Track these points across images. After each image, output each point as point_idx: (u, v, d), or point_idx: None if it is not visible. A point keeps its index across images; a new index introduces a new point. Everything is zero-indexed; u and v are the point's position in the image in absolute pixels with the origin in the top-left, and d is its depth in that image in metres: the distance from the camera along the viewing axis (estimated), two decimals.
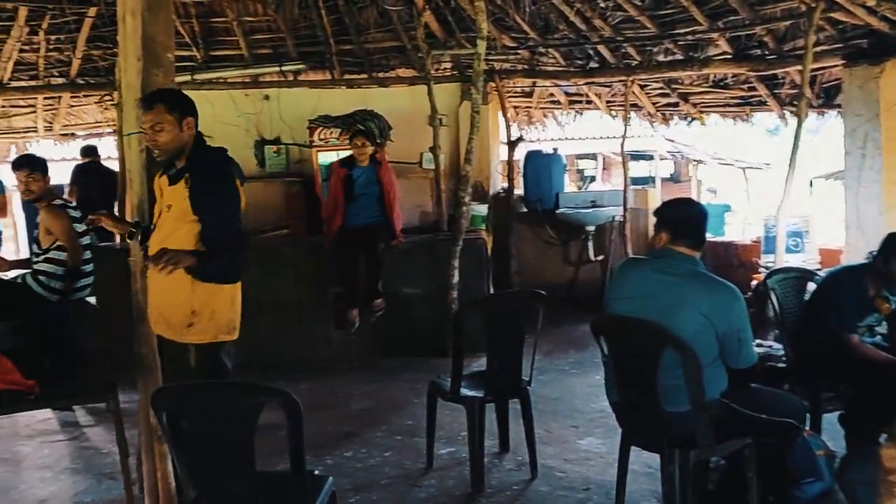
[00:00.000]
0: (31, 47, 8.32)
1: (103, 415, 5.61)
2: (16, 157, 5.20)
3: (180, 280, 3.28)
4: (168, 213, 3.32)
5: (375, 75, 8.81)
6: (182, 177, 3.31)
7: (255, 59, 8.77)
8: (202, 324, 3.34)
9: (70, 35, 8.27)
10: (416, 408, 5.33)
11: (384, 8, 8.17)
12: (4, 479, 4.53)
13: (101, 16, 8.06)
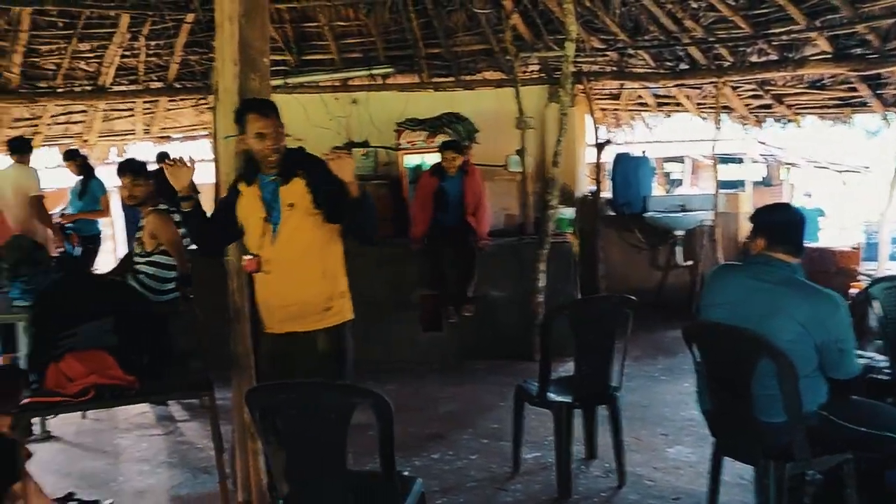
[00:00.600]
0: (131, 53, 8.63)
1: (197, 410, 5.81)
2: (120, 163, 5.38)
3: (312, 271, 3.50)
4: (292, 210, 3.43)
5: (462, 78, 8.84)
6: (292, 175, 3.45)
7: (346, 64, 8.91)
8: (338, 305, 3.55)
9: (168, 41, 8.57)
10: (501, 411, 5.32)
11: (472, 11, 8.19)
12: (105, 471, 4.71)
13: (199, 22, 8.32)
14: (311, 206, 3.43)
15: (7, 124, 8.95)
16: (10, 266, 5.45)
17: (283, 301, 3.51)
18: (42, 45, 8.19)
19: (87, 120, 9.38)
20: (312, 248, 3.49)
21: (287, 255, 3.47)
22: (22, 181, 7.14)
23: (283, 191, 3.46)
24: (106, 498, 4.15)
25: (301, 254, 3.48)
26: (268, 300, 3.58)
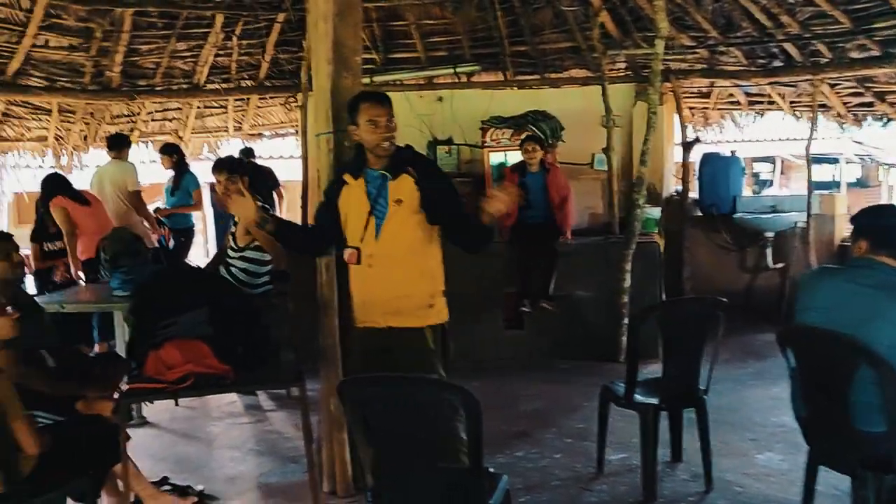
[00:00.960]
0: (224, 52, 8.86)
1: (284, 401, 5.95)
2: (216, 160, 5.55)
3: (415, 267, 3.50)
4: (398, 207, 3.42)
5: (548, 76, 8.80)
6: (401, 171, 3.45)
7: (431, 62, 8.95)
8: (438, 304, 3.55)
9: (260, 40, 8.77)
10: (586, 411, 5.28)
11: (560, 8, 8.14)
12: (197, 457, 4.87)
13: (289, 21, 8.49)
14: (418, 205, 3.43)
15: (107, 121, 9.31)
16: (110, 257, 5.68)
17: (386, 295, 3.48)
18: (142, 45, 8.49)
19: (181, 117, 9.67)
20: (415, 246, 3.49)
21: (390, 250, 3.45)
22: (120, 176, 7.40)
23: (391, 186, 3.45)
24: (198, 483, 4.29)
25: (405, 250, 3.47)
26: (367, 294, 3.55)
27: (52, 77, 8.37)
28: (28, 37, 7.82)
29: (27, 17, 7.68)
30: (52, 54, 8.19)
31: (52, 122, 9.08)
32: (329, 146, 4.10)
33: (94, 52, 8.27)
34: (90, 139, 9.42)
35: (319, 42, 4.10)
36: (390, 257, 3.46)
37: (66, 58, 8.29)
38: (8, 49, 7.91)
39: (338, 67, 4.10)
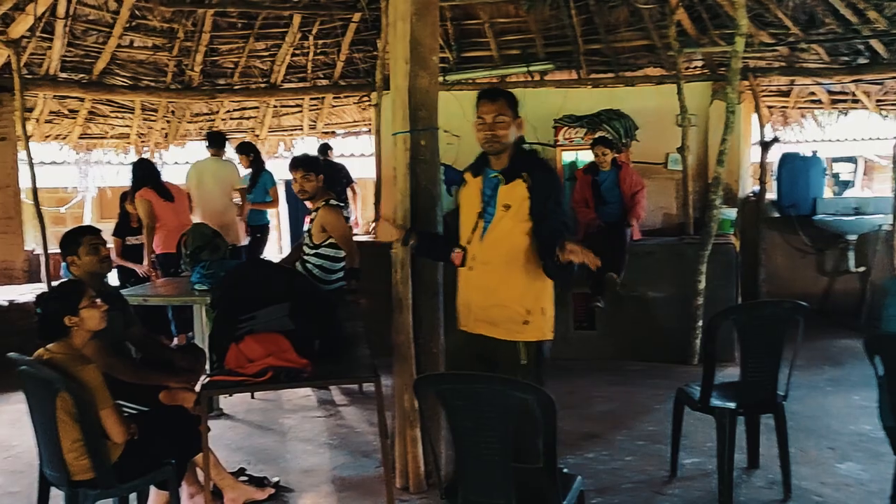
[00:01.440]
0: (301, 51, 9.02)
1: (356, 396, 6.03)
2: (293, 158, 5.62)
3: (513, 278, 3.34)
4: (506, 213, 3.33)
5: (622, 74, 8.71)
6: (517, 176, 3.33)
7: (504, 60, 8.95)
8: (536, 321, 3.38)
9: (336, 39, 8.90)
10: (658, 414, 5.23)
11: (635, 6, 8.04)
12: (272, 449, 4.97)
13: (365, 20, 8.60)
14: (527, 213, 3.30)
15: (187, 119, 9.57)
16: (191, 252, 5.84)
17: (481, 302, 3.41)
18: (222, 45, 8.70)
19: (258, 115, 9.88)
20: (516, 255, 3.33)
21: (492, 256, 3.37)
22: (224, 173, 7.49)
23: (502, 190, 3.36)
24: (274, 475, 4.37)
25: (504, 258, 3.35)
26: (465, 297, 3.50)
27: (136, 76, 8.66)
28: (114, 37, 8.12)
29: (114, 18, 7.97)
30: (136, 54, 8.47)
31: (134, 120, 9.39)
32: (406, 145, 4.14)
33: (177, 51, 8.53)
34: (171, 137, 9.71)
35: (398, 42, 4.14)
36: (490, 263, 3.38)
37: (149, 57, 8.57)
38: (95, 49, 8.22)
39: (415, 67, 4.13)
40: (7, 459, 4.86)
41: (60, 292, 3.33)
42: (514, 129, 3.42)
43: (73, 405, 3.07)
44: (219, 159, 7.61)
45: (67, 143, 9.40)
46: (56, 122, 9.06)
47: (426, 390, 2.85)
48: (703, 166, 8.03)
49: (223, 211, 7.41)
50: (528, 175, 3.32)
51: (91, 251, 3.87)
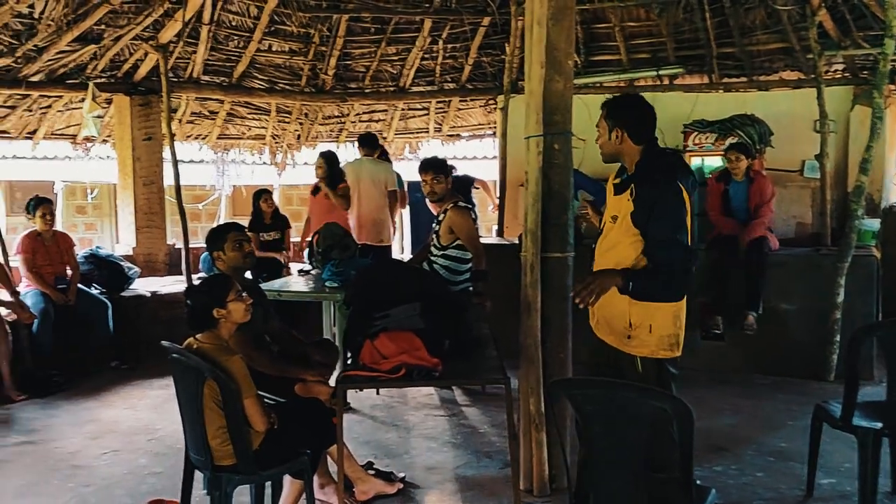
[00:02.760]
0: (430, 55, 9.17)
1: (477, 396, 6.08)
2: (423, 160, 5.73)
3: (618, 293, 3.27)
4: (614, 225, 3.33)
5: (756, 78, 8.44)
6: (628, 187, 3.30)
7: (633, 64, 8.84)
8: (641, 337, 3.30)
9: (465, 43, 9.00)
10: (790, 430, 5.06)
11: (773, 8, 7.78)
12: (397, 444, 5.07)
13: (494, 25, 8.66)
14: (631, 225, 3.24)
15: (319, 121, 9.89)
16: (322, 250, 6.03)
17: (600, 308, 3.39)
18: (354, 49, 8.95)
19: (386, 118, 10.10)
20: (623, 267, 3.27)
21: (603, 265, 3.36)
22: (381, 173, 7.63)
23: (611, 201, 3.38)
24: (400, 470, 4.47)
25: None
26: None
27: (273, 80, 9.00)
28: (254, 42, 8.47)
29: (254, 23, 8.31)
30: (274, 58, 8.82)
31: (269, 122, 9.77)
32: (538, 149, 4.15)
33: (311, 56, 8.81)
34: (303, 138, 10.05)
35: (533, 46, 4.16)
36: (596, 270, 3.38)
37: (286, 62, 8.89)
38: (236, 54, 8.59)
39: (550, 71, 4.14)
40: (151, 442, 5.14)
41: (210, 286, 3.50)
42: (613, 139, 3.37)
43: (218, 393, 3.23)
44: (374, 159, 7.76)
45: (207, 142, 9.88)
46: (197, 123, 9.54)
47: (558, 394, 2.85)
48: (842, 174, 7.72)
49: (379, 209, 7.56)
50: (635, 186, 3.27)
51: (236, 247, 4.06)
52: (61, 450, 5.01)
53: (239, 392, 3.24)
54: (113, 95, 8.39)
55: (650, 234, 3.21)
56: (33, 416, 5.71)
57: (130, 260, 7.91)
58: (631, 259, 3.27)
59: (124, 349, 6.94)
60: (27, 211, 6.74)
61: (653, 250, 3.20)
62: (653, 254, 3.20)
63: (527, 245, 4.16)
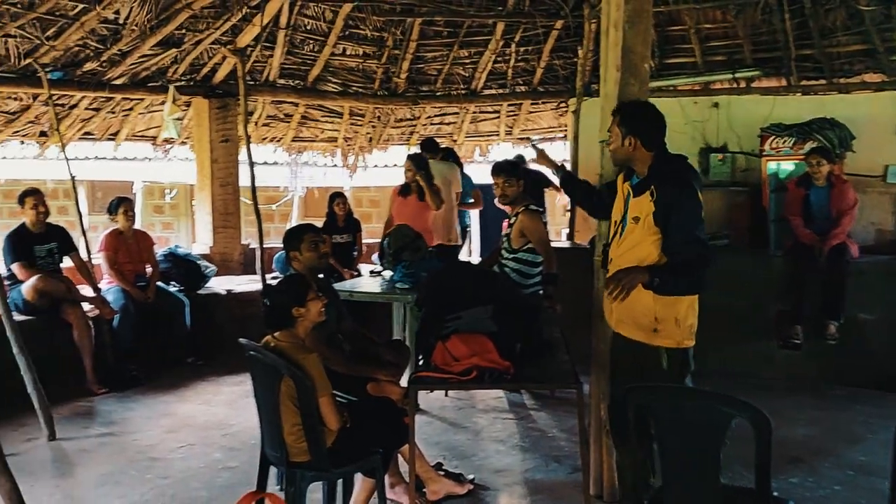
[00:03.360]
0: (502, 58, 9.19)
1: (546, 400, 6.07)
2: (495, 163, 5.75)
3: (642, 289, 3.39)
4: (635, 226, 3.43)
5: (836, 81, 8.22)
6: (646, 189, 3.41)
7: (708, 67, 8.70)
8: (667, 330, 3.42)
9: (537, 46, 8.99)
10: (870, 444, 4.92)
11: (856, 9, 7.57)
12: (466, 446, 5.10)
13: (566, 27, 8.63)
14: (653, 225, 3.37)
15: (391, 124, 9.99)
16: (393, 251, 6.09)
17: (618, 303, 3.48)
18: (427, 53, 9.02)
19: (457, 121, 10.15)
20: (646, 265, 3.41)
21: (624, 263, 3.45)
22: (449, 174, 7.69)
23: (631, 203, 3.49)
24: (469, 472, 4.49)
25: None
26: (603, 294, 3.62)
27: (347, 83, 9.13)
28: (328, 46, 8.60)
29: (329, 27, 8.45)
30: (348, 62, 8.95)
31: (342, 125, 9.91)
32: None
33: (385, 59, 8.92)
34: (374, 141, 10.17)
35: (609, 49, 4.15)
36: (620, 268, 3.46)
37: (359, 65, 9.01)
38: (311, 57, 8.74)
39: (625, 74, 4.11)
40: (225, 437, 5.27)
41: (288, 285, 3.58)
42: (626, 145, 3.49)
43: (295, 391, 3.30)
44: (443, 161, 7.82)
45: (281, 145, 10.07)
46: (272, 126, 9.73)
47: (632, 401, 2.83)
48: None
49: (448, 209, 7.60)
50: (655, 188, 3.38)
51: (311, 248, 4.14)
52: (139, 442, 5.18)
53: (314, 390, 3.31)
54: (192, 98, 8.63)
55: (671, 233, 3.36)
56: (113, 408, 5.90)
57: (207, 259, 8.10)
58: (653, 257, 3.41)
59: (200, 346, 7.11)
60: (109, 211, 6.96)
61: (675, 248, 3.37)
62: (675, 251, 3.37)
63: (599, 249, 4.14)
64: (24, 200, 6.33)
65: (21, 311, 6.00)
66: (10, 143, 8.64)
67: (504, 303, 3.87)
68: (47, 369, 5.37)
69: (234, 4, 7.60)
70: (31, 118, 8.23)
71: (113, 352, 6.55)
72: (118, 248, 6.84)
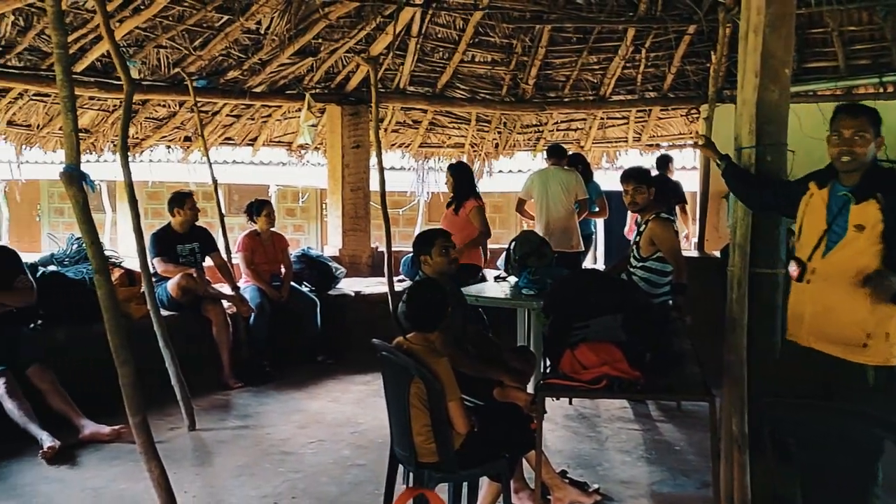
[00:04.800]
0: (632, 64, 9.06)
1: (672, 412, 5.94)
2: (625, 169, 5.68)
3: (856, 301, 3.19)
4: (859, 234, 3.22)
5: None
6: (868, 196, 3.21)
7: (851, 71, 8.32)
8: (877, 346, 3.18)
9: (668, 51, 8.82)
10: None
11: None
12: (590, 456, 5.04)
13: (700, 32, 8.43)
14: (879, 235, 3.16)
15: (517, 130, 10.02)
16: (519, 257, 6.10)
17: (817, 317, 3.30)
18: (555, 59, 9.00)
19: (584, 127, 10.07)
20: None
21: (835, 275, 3.24)
22: (571, 182, 7.69)
23: (853, 210, 3.25)
24: (593, 481, 4.45)
25: (851, 279, 3.19)
26: (800, 308, 3.40)
27: (475, 90, 9.21)
28: (458, 53, 8.70)
29: (459, 35, 8.55)
30: (476, 69, 9.02)
31: (469, 131, 10.00)
32: (751, 160, 4.01)
33: (513, 66, 8.95)
34: (500, 147, 10.21)
35: (748, 54, 4.02)
36: (831, 281, 3.26)
37: (488, 72, 9.07)
38: (440, 65, 8.87)
39: (765, 80, 3.98)
40: (353, 434, 5.41)
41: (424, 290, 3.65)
42: (873, 148, 3.27)
43: (425, 393, 3.36)
44: (563, 168, 7.83)
45: (409, 150, 10.25)
46: (401, 132, 9.93)
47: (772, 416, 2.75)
48: None
49: (567, 217, 7.61)
50: (883, 196, 3.16)
51: (442, 252, 4.21)
52: (272, 436, 5.38)
53: (443, 393, 3.36)
54: (326, 105, 8.91)
55: None
56: (247, 402, 6.15)
57: (337, 261, 8.33)
58: (871, 268, 3.15)
59: (330, 345, 7.33)
60: (249, 213, 7.27)
61: None
62: None
63: (734, 260, 4.02)
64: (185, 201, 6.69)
65: (165, 306, 6.33)
66: (157, 148, 9.16)
67: (634, 312, 3.82)
68: (187, 363, 5.65)
69: (368, 14, 7.81)
70: (177, 124, 8.72)
71: (248, 348, 6.84)
72: (255, 249, 7.14)
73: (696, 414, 5.69)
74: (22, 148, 8.09)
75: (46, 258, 6.54)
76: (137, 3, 6.69)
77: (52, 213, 18.40)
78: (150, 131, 8.70)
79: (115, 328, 3.68)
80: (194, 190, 9.04)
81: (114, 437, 5.07)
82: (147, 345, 5.27)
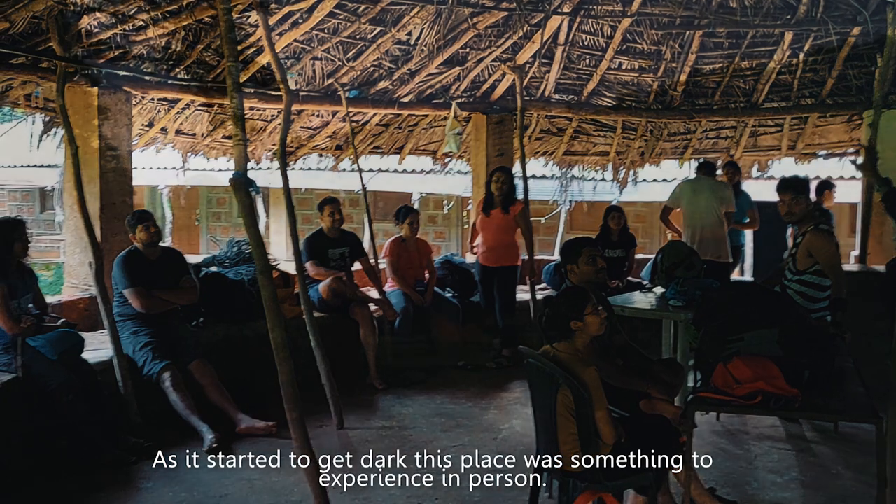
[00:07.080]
0: (787, 69, 8.69)
1: (829, 434, 5.66)
2: (782, 179, 5.45)
3: None
4: None
5: None
6: None
7: None
8: None
9: (828, 55, 8.41)
10: None
11: None
12: (739, 474, 4.88)
13: (864, 34, 7.99)
14: None
15: (664, 138, 9.80)
16: (667, 268, 5.99)
17: None
18: (705, 65, 8.76)
19: (734, 135, 9.73)
20: None
21: None
22: (722, 192, 7.60)
23: None
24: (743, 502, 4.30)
25: None
26: None
27: (621, 97, 9.10)
28: (605, 60, 8.62)
29: (606, 42, 8.47)
30: (623, 76, 8.91)
31: (614, 139, 9.87)
32: None
33: (661, 72, 8.78)
34: (646, 155, 10.02)
35: None
36: None
37: (634, 79, 8.94)
38: (586, 72, 8.82)
39: None
40: (496, 441, 5.45)
41: (568, 298, 3.65)
42: None
43: (572, 402, 3.36)
44: (718, 180, 7.68)
45: (552, 158, 10.22)
46: (545, 140, 9.91)
47: None
48: None
49: (716, 226, 7.44)
50: None
51: (589, 261, 4.19)
52: (415, 437, 5.49)
53: (591, 402, 3.34)
54: (471, 114, 9.02)
55: None
56: (391, 404, 6.30)
57: None
58: None
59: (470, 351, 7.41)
60: (396, 219, 7.48)
61: None
62: None
63: None
64: (324, 207, 6.96)
65: (315, 308, 6.58)
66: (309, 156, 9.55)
67: (791, 326, 3.68)
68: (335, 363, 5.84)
69: (516, 23, 7.86)
70: (329, 133, 9.05)
71: (393, 351, 7.01)
72: (400, 255, 7.32)
73: (856, 437, 5.41)
74: (187, 155, 8.60)
75: (209, 259, 6.94)
76: (296, 17, 7.00)
77: (210, 218, 19.44)
78: (305, 140, 9.07)
79: (277, 327, 3.86)
80: (342, 197, 9.37)
81: (267, 432, 5.32)
82: (297, 344, 5.50)
